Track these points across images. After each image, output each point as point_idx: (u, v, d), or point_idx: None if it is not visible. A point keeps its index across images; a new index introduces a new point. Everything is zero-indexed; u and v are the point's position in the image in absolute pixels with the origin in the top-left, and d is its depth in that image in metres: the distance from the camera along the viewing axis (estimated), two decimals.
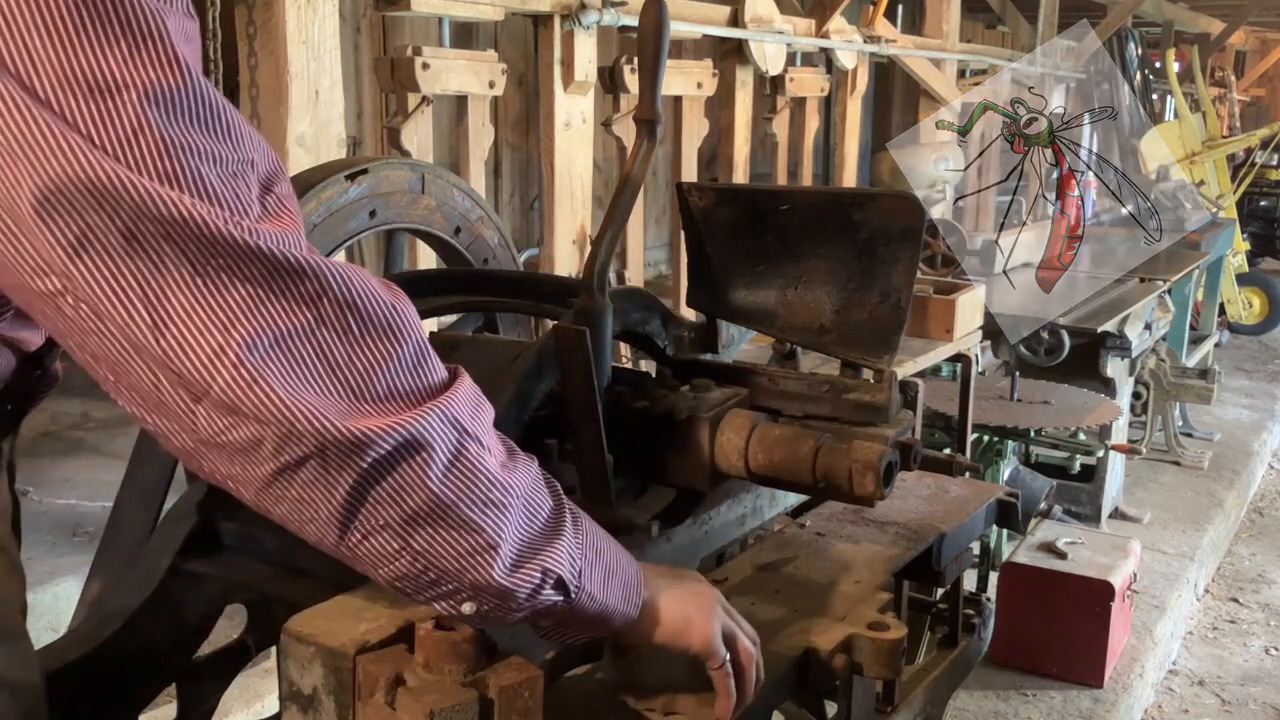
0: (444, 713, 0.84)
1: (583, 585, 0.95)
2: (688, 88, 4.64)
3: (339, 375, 0.82)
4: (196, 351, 0.78)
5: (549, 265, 3.99)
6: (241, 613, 1.31)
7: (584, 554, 0.96)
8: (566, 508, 0.97)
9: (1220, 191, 8.64)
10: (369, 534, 0.86)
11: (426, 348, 0.88)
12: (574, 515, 0.98)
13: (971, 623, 1.65)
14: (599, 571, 0.97)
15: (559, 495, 0.97)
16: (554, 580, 0.93)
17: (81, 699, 1.14)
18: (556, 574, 0.92)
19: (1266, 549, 5.27)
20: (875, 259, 1.28)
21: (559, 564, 0.93)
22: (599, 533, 1.00)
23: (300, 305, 0.80)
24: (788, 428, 1.24)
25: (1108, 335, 4.59)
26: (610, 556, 0.99)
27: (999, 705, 3.46)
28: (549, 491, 0.96)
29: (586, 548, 0.97)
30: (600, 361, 1.16)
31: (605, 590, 0.98)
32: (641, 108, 1.23)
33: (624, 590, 1.00)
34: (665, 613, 1.03)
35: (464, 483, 0.87)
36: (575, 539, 0.96)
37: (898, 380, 1.33)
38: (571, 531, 0.96)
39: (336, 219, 1.50)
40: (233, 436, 0.80)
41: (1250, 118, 14.48)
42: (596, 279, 1.18)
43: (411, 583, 0.89)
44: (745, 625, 1.09)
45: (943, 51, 7.08)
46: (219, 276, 0.78)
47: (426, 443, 0.85)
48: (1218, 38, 12.89)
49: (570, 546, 0.94)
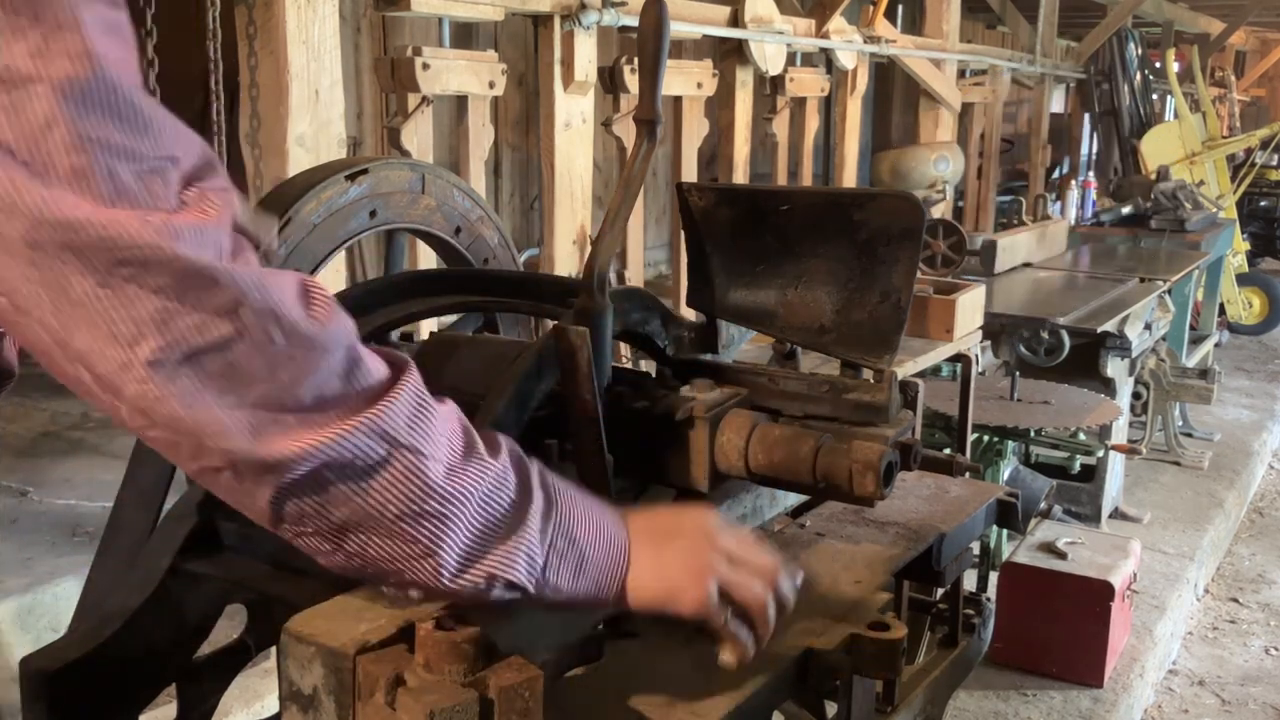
0: (444, 713, 0.84)
1: (546, 580, 0.93)
2: (688, 88, 4.64)
3: (256, 389, 0.79)
4: (104, 361, 0.76)
5: (549, 265, 3.99)
6: (241, 613, 1.31)
7: (551, 548, 0.93)
8: (534, 501, 0.93)
9: (1220, 191, 8.64)
10: (299, 535, 0.86)
11: (359, 354, 0.84)
12: (547, 505, 0.94)
13: (971, 623, 1.65)
14: (569, 564, 0.94)
15: (527, 488, 0.93)
16: (503, 583, 0.91)
17: (81, 699, 1.14)
18: (506, 578, 0.90)
19: (1266, 549, 5.27)
20: (875, 259, 1.28)
21: (510, 567, 0.90)
22: (579, 517, 0.97)
23: (215, 318, 0.77)
24: (788, 428, 1.24)
25: (1108, 335, 4.59)
26: (587, 543, 0.96)
27: (999, 705, 3.46)
28: (517, 484, 0.92)
29: (556, 539, 0.94)
30: (600, 361, 1.16)
31: (575, 582, 0.95)
32: (641, 108, 1.23)
33: (599, 577, 0.97)
34: (648, 588, 0.99)
35: (395, 495, 0.85)
36: (540, 534, 0.92)
37: (898, 380, 1.33)
38: (537, 526, 0.92)
39: (336, 219, 1.50)
40: (152, 435, 0.80)
41: (1250, 118, 14.48)
42: (596, 279, 1.18)
43: (354, 573, 0.89)
44: (757, 559, 1.05)
45: (943, 51, 7.08)
46: (126, 287, 0.74)
47: (348, 462, 0.82)
48: (1218, 38, 12.89)
49: (531, 545, 0.91)
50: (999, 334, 4.56)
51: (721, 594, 1.01)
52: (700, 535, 1.04)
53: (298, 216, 1.44)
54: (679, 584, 1.00)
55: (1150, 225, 6.95)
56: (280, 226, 1.42)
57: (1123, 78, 9.86)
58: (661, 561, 1.01)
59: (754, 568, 1.04)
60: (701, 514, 1.08)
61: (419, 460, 0.85)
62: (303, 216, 1.45)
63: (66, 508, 4.00)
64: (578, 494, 0.99)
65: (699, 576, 1.01)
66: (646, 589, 1.00)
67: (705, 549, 1.03)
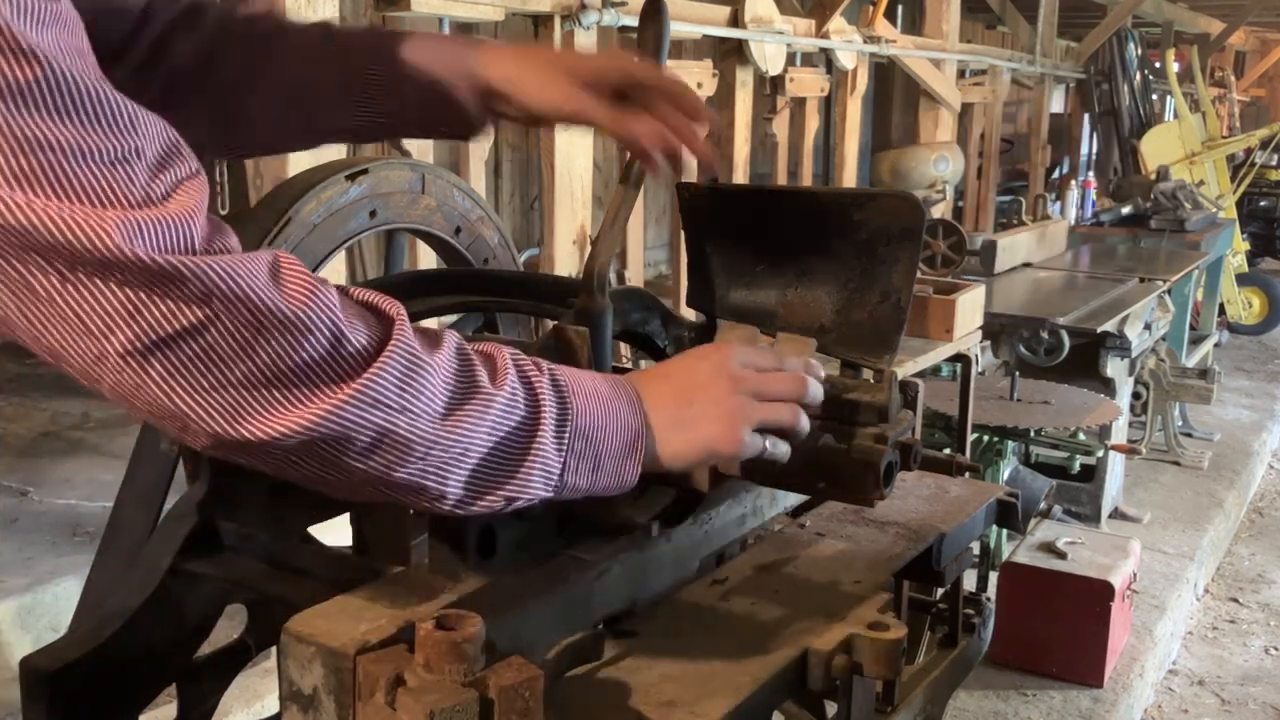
0: (444, 713, 0.84)
1: (565, 484, 0.93)
2: None
3: (235, 371, 0.78)
4: (78, 355, 0.76)
5: (549, 265, 3.99)
6: (241, 613, 1.31)
7: (569, 452, 0.93)
8: (546, 412, 0.92)
9: (1220, 191, 8.64)
10: (304, 479, 0.86)
11: (340, 327, 0.82)
12: (560, 412, 0.93)
13: (971, 623, 1.65)
14: (586, 463, 0.95)
15: (537, 402, 0.92)
16: (523, 499, 0.92)
17: (81, 699, 1.14)
18: (524, 496, 0.91)
19: (1266, 549, 5.27)
20: (875, 259, 1.28)
21: (526, 487, 0.91)
22: (594, 411, 0.96)
23: (185, 306, 0.76)
24: None
25: (1108, 335, 4.59)
26: (602, 437, 0.96)
27: (999, 705, 3.47)
28: (526, 402, 0.91)
29: (573, 443, 0.93)
30: (600, 361, 1.16)
31: (594, 479, 0.95)
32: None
33: (615, 468, 0.97)
34: (681, 452, 1.00)
35: (394, 458, 0.85)
36: (555, 444, 0.92)
37: (898, 380, 1.33)
38: (550, 439, 0.92)
39: (337, 219, 1.50)
40: (135, 414, 0.81)
41: (1250, 118, 14.49)
42: (596, 279, 1.18)
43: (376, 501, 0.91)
44: (779, 384, 1.05)
45: (943, 51, 7.08)
46: (91, 282, 0.74)
47: (341, 435, 0.82)
48: (1217, 38, 12.90)
49: (546, 460, 0.92)
50: (999, 334, 4.56)
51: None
52: (720, 380, 1.04)
53: (298, 216, 1.44)
54: (711, 438, 1.01)
55: (1150, 225, 6.96)
56: (280, 226, 1.42)
57: (1122, 78, 9.86)
58: (687, 421, 1.01)
59: (780, 390, 1.05)
60: (715, 354, 1.07)
61: (413, 421, 0.85)
62: (303, 216, 1.45)
63: (67, 508, 4.00)
64: (589, 383, 0.98)
65: (730, 425, 1.01)
66: (679, 453, 1.01)
67: (728, 394, 1.03)
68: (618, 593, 1.19)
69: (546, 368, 0.96)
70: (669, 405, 1.01)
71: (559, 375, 0.96)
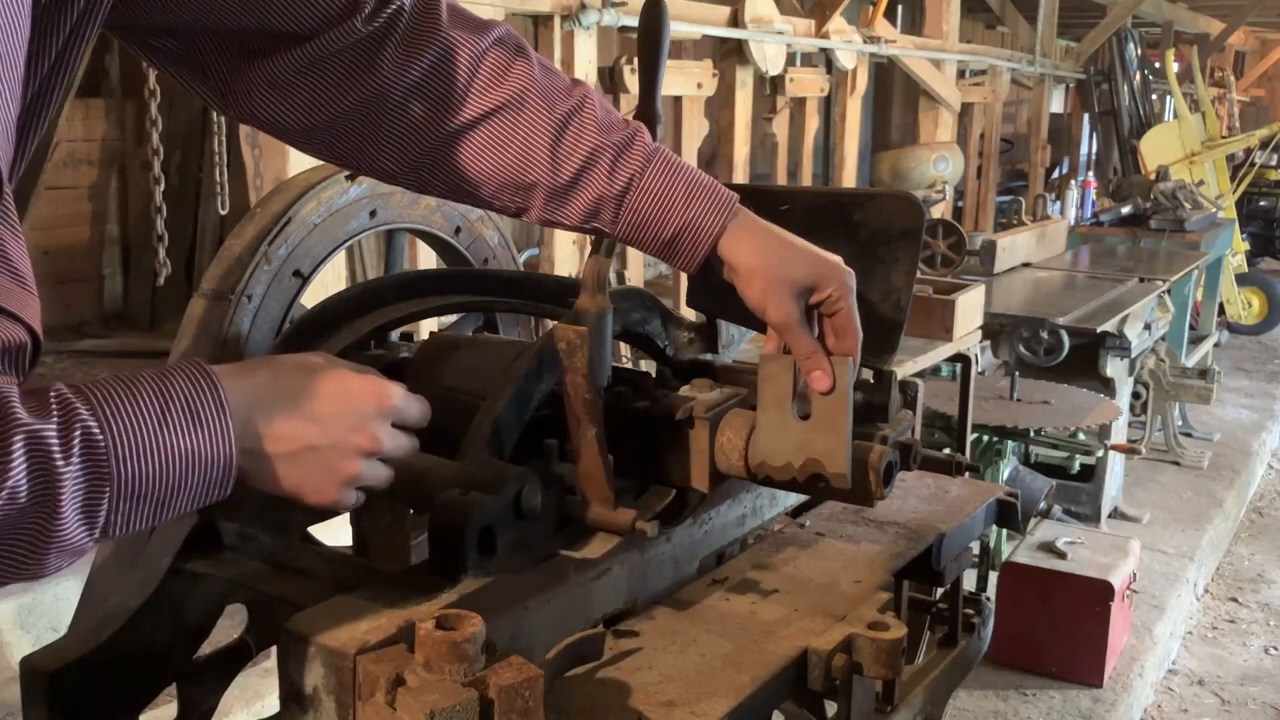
0: (444, 713, 0.84)
1: (113, 534, 0.82)
2: (688, 88, 4.64)
3: None
4: None
5: (549, 265, 3.99)
6: (241, 613, 1.31)
7: (112, 514, 0.80)
8: (62, 488, 0.76)
9: (1220, 191, 8.64)
10: None
11: None
12: (90, 479, 0.78)
13: (971, 622, 1.65)
14: (145, 509, 0.82)
15: (48, 476, 0.76)
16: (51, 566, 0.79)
17: (81, 699, 1.14)
18: (36, 573, 0.79)
19: (1266, 549, 5.27)
20: (875, 259, 1.28)
21: (35, 567, 0.78)
22: (149, 463, 0.81)
23: None
24: None
25: (1107, 335, 4.59)
26: (166, 484, 0.83)
27: (999, 705, 3.47)
28: (29, 486, 0.75)
29: (117, 504, 0.80)
30: (600, 361, 1.16)
31: (159, 516, 0.84)
32: (641, 108, 1.23)
33: (193, 501, 0.86)
34: (268, 488, 0.93)
35: None
36: (84, 521, 0.79)
37: (898, 380, 1.33)
38: (73, 517, 0.77)
39: (337, 219, 1.50)
40: None
41: (1250, 118, 14.49)
42: (596, 279, 1.18)
43: None
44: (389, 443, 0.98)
45: (942, 51, 7.09)
46: None
47: None
48: (1217, 38, 12.91)
49: (63, 539, 0.78)
50: (999, 334, 4.56)
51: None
52: (358, 435, 0.96)
53: (298, 216, 1.44)
54: (309, 487, 0.94)
55: (1150, 225, 6.96)
56: (280, 226, 1.42)
57: (1122, 78, 9.86)
58: (299, 460, 0.93)
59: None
60: (366, 399, 0.97)
61: None
62: (303, 216, 1.45)
63: None
64: (152, 413, 0.83)
65: (331, 476, 0.94)
66: (268, 485, 0.93)
67: (352, 455, 0.95)
68: (618, 593, 1.19)
69: (80, 427, 0.78)
70: (288, 439, 0.92)
71: (99, 432, 0.80)
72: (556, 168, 1.12)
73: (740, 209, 1.15)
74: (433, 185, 1.17)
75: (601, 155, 1.12)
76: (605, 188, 1.13)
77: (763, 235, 1.15)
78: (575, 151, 1.12)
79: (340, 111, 1.10)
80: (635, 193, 1.13)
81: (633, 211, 1.13)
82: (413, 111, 1.11)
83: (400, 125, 1.11)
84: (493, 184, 1.14)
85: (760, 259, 1.13)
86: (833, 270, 1.14)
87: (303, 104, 1.10)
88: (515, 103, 1.12)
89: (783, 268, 1.13)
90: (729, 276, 1.16)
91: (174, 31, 1.06)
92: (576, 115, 1.13)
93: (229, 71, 1.09)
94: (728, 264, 1.15)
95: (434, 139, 1.12)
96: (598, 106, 1.15)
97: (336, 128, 1.12)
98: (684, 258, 1.15)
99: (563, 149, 1.12)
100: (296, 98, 1.09)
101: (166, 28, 1.05)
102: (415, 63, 1.10)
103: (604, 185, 1.13)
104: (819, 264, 1.14)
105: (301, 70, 1.08)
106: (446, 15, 1.13)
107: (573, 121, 1.13)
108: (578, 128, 1.13)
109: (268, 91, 1.09)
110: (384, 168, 1.15)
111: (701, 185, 1.14)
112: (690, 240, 1.14)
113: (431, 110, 1.11)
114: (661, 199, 1.13)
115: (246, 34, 1.06)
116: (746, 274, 1.14)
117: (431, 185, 1.17)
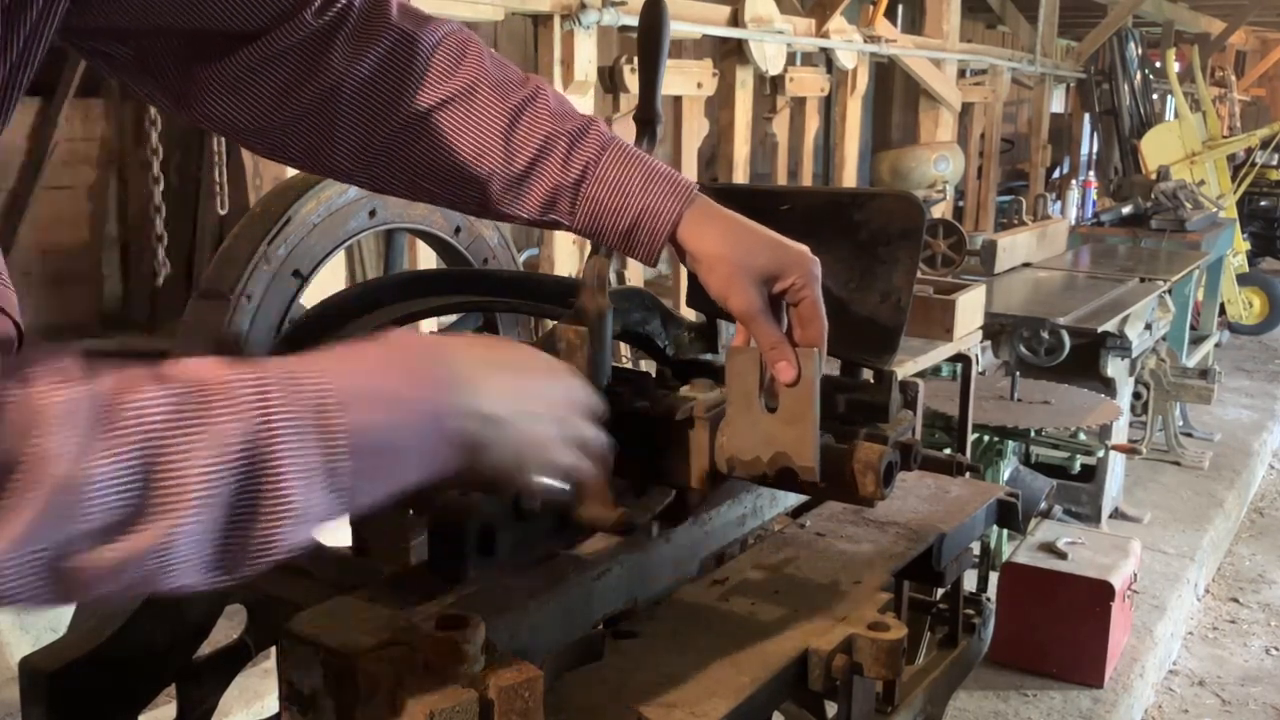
0: (444, 713, 0.84)
1: (354, 506, 0.82)
2: (688, 88, 4.64)
3: None
4: None
5: (549, 265, 3.99)
6: (241, 613, 1.31)
7: (335, 475, 0.80)
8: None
9: (1220, 191, 8.64)
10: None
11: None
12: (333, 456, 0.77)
13: (972, 623, 1.65)
14: (383, 464, 0.82)
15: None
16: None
17: (81, 699, 1.14)
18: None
19: (1266, 549, 5.27)
20: (875, 259, 1.28)
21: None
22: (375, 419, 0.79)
23: None
24: None
25: (1108, 335, 4.59)
26: (404, 441, 0.82)
27: (999, 705, 3.47)
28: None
29: (336, 467, 0.79)
30: (600, 361, 1.16)
31: (394, 477, 0.83)
32: (641, 108, 1.23)
33: (422, 461, 0.85)
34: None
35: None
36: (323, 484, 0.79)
37: (898, 380, 1.33)
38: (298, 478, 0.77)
39: (336, 219, 1.50)
40: None
41: (1250, 118, 14.48)
42: (596, 279, 1.18)
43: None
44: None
45: (943, 51, 7.09)
46: None
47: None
48: (1218, 38, 12.90)
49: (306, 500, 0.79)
50: (999, 334, 4.56)
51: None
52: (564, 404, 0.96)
53: (297, 216, 1.44)
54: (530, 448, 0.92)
55: (1150, 225, 6.96)
56: (280, 226, 1.42)
57: (1123, 78, 9.86)
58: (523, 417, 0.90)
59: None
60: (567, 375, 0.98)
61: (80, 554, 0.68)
62: (303, 216, 1.45)
63: None
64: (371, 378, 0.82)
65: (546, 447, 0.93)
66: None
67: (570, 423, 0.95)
68: (618, 593, 1.19)
69: (282, 379, 0.76)
70: (509, 396, 0.90)
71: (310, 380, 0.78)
72: (511, 156, 1.11)
73: (699, 195, 1.12)
74: (389, 183, 1.16)
75: (556, 143, 1.11)
76: (561, 176, 1.11)
77: (723, 222, 1.12)
78: (529, 140, 1.11)
79: (294, 109, 1.10)
80: (591, 181, 1.11)
81: (590, 200, 1.12)
82: (366, 105, 1.11)
83: (354, 120, 1.11)
84: (448, 176, 1.13)
85: (721, 246, 1.11)
86: (796, 258, 1.11)
87: (256, 103, 1.09)
88: (467, 92, 1.11)
89: (744, 255, 1.10)
90: (692, 266, 1.14)
91: (124, 36, 1.06)
92: (530, 104, 1.12)
93: (181, 74, 1.08)
94: (689, 253, 1.12)
95: (388, 132, 1.12)
96: (551, 96, 1.14)
97: (291, 126, 1.11)
98: (643, 248, 1.13)
99: (517, 137, 1.11)
100: (250, 97, 1.09)
101: (117, 32, 1.05)
102: (366, 55, 1.10)
103: (559, 174, 1.11)
104: (782, 251, 1.11)
105: (254, 68, 1.08)
106: (395, 9, 1.13)
107: (526, 110, 1.12)
108: (531, 116, 1.12)
109: (221, 92, 1.09)
110: (340, 166, 1.14)
111: (658, 173, 1.12)
112: (648, 228, 1.11)
113: (384, 103, 1.11)
114: (618, 187, 1.11)
115: (197, 34, 1.06)
116: (708, 262, 1.11)
117: (388, 183, 1.16)
